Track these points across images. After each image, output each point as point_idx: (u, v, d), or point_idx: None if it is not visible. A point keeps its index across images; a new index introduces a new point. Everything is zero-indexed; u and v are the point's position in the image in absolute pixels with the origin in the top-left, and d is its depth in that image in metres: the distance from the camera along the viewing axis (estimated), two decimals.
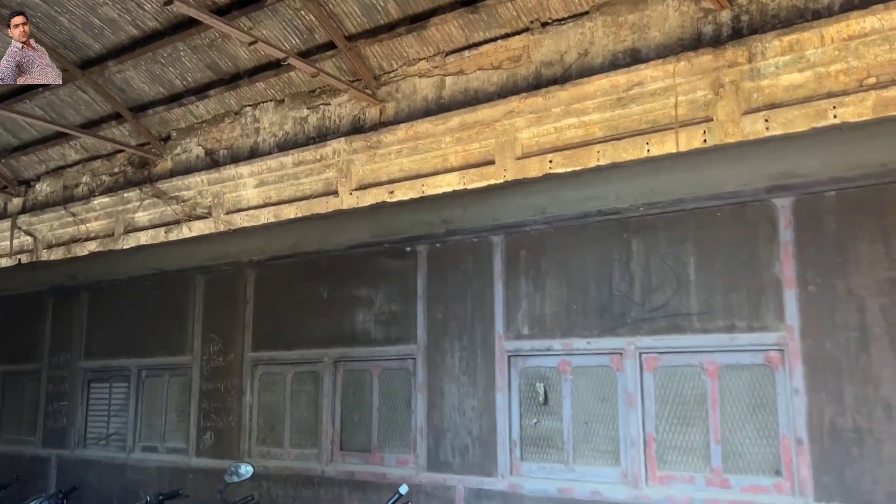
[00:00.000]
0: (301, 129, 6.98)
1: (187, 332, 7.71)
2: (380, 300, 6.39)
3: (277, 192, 7.02)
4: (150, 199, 8.06)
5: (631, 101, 5.11)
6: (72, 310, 8.94)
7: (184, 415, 7.65)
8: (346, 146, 6.50)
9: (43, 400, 9.01)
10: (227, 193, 7.40)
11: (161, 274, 8.03)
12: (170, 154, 8.06)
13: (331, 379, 6.59)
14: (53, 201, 9.18)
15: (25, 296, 9.51)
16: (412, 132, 6.12)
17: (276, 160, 6.97)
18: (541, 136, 5.53)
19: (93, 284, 8.73)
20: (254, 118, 7.39)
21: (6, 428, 9.50)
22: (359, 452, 6.36)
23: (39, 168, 9.44)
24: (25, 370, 9.36)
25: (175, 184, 7.82)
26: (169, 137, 8.10)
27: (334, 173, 6.58)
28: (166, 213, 7.95)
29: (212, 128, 7.72)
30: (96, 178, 8.78)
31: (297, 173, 6.84)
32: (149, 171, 8.23)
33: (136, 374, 8.13)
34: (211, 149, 7.71)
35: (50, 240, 9.20)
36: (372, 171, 6.41)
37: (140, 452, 7.95)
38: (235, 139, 7.48)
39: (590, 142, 5.28)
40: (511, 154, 5.68)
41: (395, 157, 6.26)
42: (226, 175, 7.38)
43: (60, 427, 8.74)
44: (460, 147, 5.90)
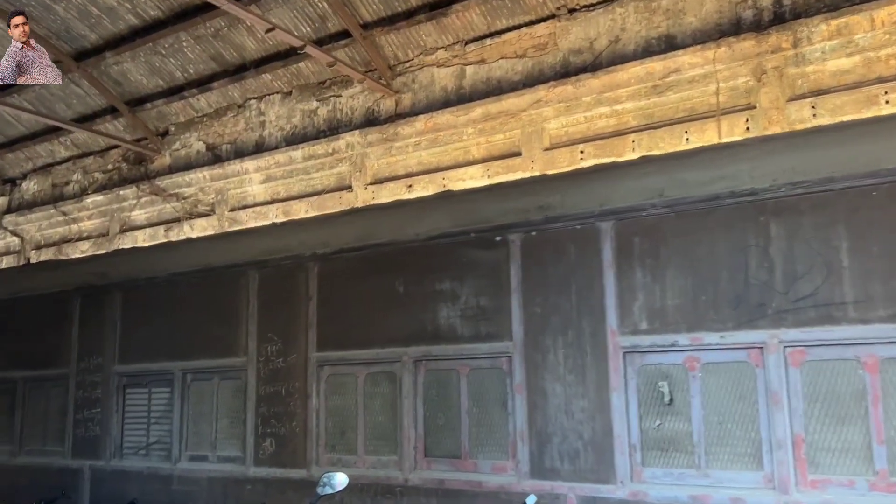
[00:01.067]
0: (310, 122, 6.65)
1: (240, 331, 7.16)
2: (466, 294, 5.92)
3: (286, 187, 6.64)
4: (148, 197, 7.63)
5: (667, 89, 4.85)
6: (103, 310, 8.33)
7: (238, 421, 7.10)
8: (360, 139, 6.14)
9: (72, 407, 8.39)
10: (231, 189, 6.96)
11: (208, 270, 7.46)
12: (168, 149, 7.63)
13: (411, 379, 6.10)
14: (42, 200, 8.66)
15: (46, 297, 8.88)
16: (431, 124, 5.78)
17: (284, 154, 6.54)
18: (570, 126, 5.26)
19: (127, 283, 8.13)
20: (259, 111, 7.01)
21: (29, 438, 8.85)
22: (447, 459, 5.88)
23: (26, 166, 8.91)
24: (50, 376, 8.72)
25: (175, 180, 7.35)
26: (167, 132, 7.66)
27: (347, 167, 6.24)
28: (165, 211, 7.48)
29: (213, 122, 7.34)
30: (88, 176, 8.35)
31: (308, 168, 6.46)
32: (145, 167, 7.79)
33: (181, 378, 7.56)
34: (213, 143, 7.33)
35: (38, 240, 8.67)
36: (388, 165, 6.08)
37: (188, 462, 7.38)
38: (239, 133, 7.11)
39: (623, 131, 5.02)
40: (538, 145, 5.42)
41: (413, 149, 5.92)
42: (230, 170, 6.93)
43: (93, 436, 8.13)
44: (483, 139, 5.62)
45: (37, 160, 8.78)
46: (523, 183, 5.53)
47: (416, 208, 6.08)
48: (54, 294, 8.79)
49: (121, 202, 7.84)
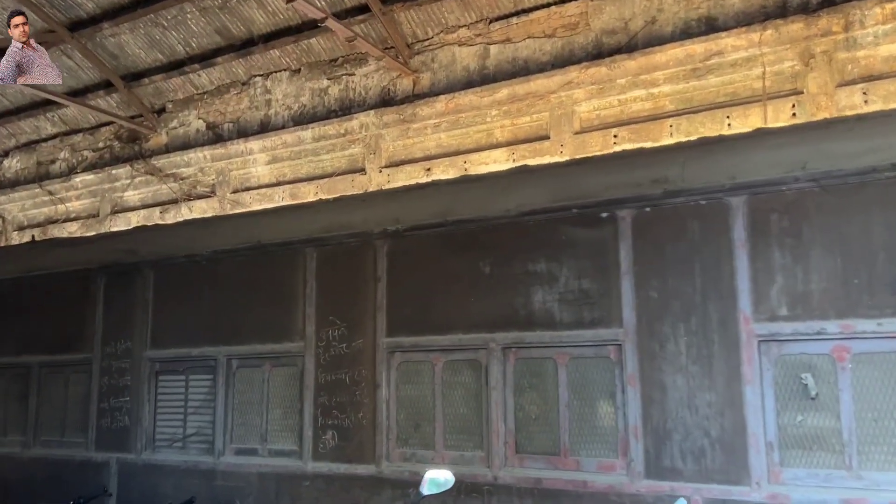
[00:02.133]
0: (321, 101, 6.37)
1: (296, 314, 6.55)
2: (565, 276, 5.39)
3: (293, 169, 6.36)
4: (143, 177, 7.28)
5: (708, 73, 4.72)
6: (132, 291, 7.64)
7: (293, 411, 6.51)
8: (375, 120, 5.88)
9: (96, 395, 7.69)
10: (233, 170, 6.65)
11: (258, 247, 6.83)
12: (165, 128, 7.26)
13: (499, 368, 5.57)
14: (25, 179, 8.24)
15: (65, 275, 8.15)
16: (453, 104, 5.56)
17: (292, 135, 6.26)
18: (602, 109, 5.10)
19: (161, 261, 7.45)
20: (265, 89, 6.70)
21: (45, 428, 8.14)
22: (543, 456, 5.36)
23: (8, 142, 8.44)
24: (69, 361, 8.01)
25: (172, 160, 7.01)
26: (164, 110, 7.29)
27: (361, 149, 6.01)
28: (161, 192, 7.14)
29: (215, 99, 6.99)
30: (77, 154, 7.95)
31: (317, 149, 6.21)
32: (140, 146, 7.40)
33: (225, 364, 6.93)
34: (213, 122, 7.00)
35: (21, 221, 8.24)
36: (404, 147, 5.84)
37: (233, 456, 6.76)
38: (243, 112, 6.79)
39: (659, 115, 4.87)
40: (568, 128, 5.23)
41: (432, 131, 5.70)
42: (233, 150, 6.62)
43: (121, 427, 7.46)
44: (508, 121, 5.42)
45: (20, 136, 8.30)
46: (635, 154, 5.03)
47: (506, 182, 5.55)
48: (74, 273, 8.07)
49: (113, 182, 7.45)
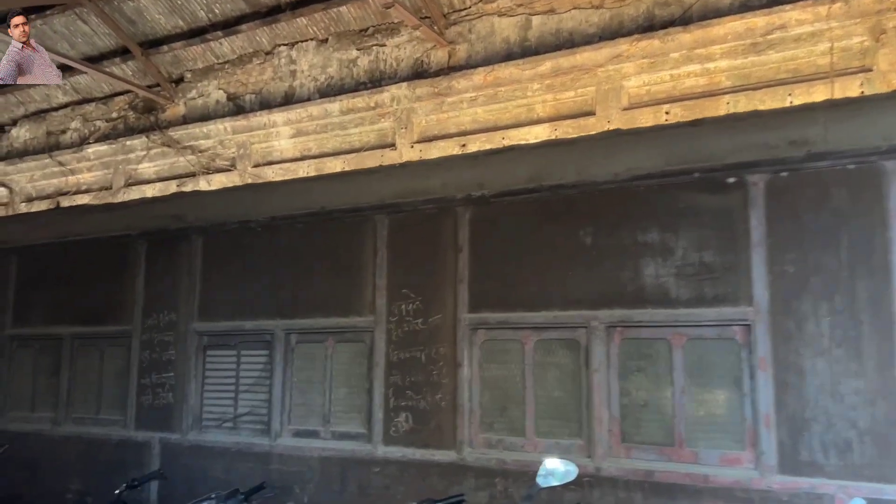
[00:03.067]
0: (349, 73, 6.14)
1: (364, 286, 6.02)
2: (682, 248, 4.86)
3: (318, 143, 6.11)
4: (159, 149, 7.03)
5: (769, 48, 4.53)
6: (177, 259, 7.09)
7: (360, 390, 5.98)
8: (407, 93, 5.65)
9: (136, 370, 7.15)
10: (255, 144, 6.41)
11: (321, 214, 6.28)
12: (183, 98, 6.99)
13: (602, 349, 5.04)
14: (34, 149, 7.99)
15: (103, 242, 7.60)
16: (492, 77, 5.31)
17: (318, 107, 6.01)
18: (653, 85, 4.89)
19: (212, 227, 6.89)
20: (290, 59, 6.44)
21: (78, 405, 7.60)
22: (653, 446, 4.85)
23: (17, 111, 8.16)
24: (106, 333, 7.47)
25: (190, 131, 6.75)
26: (182, 79, 7.03)
27: (391, 123, 5.77)
28: (178, 165, 6.89)
29: (236, 69, 6.73)
30: (89, 124, 7.69)
31: (345, 122, 5.94)
32: (156, 116, 7.15)
33: (283, 338, 6.39)
34: (234, 93, 6.75)
35: (30, 192, 8.01)
36: (438, 122, 5.60)
37: (291, 438, 6.24)
38: (266, 83, 6.54)
39: (715, 92, 4.67)
40: (616, 104, 5.01)
41: (467, 105, 5.47)
42: (255, 123, 6.36)
43: (164, 404, 6.93)
44: (550, 96, 5.19)
45: (29, 105, 8.02)
46: (768, 115, 4.50)
47: (613, 143, 5.02)
48: (113, 239, 7.51)
49: (127, 153, 7.19)
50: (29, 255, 8.18)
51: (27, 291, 8.14)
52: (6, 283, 8.28)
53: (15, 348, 8.17)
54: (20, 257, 8.25)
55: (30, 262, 8.17)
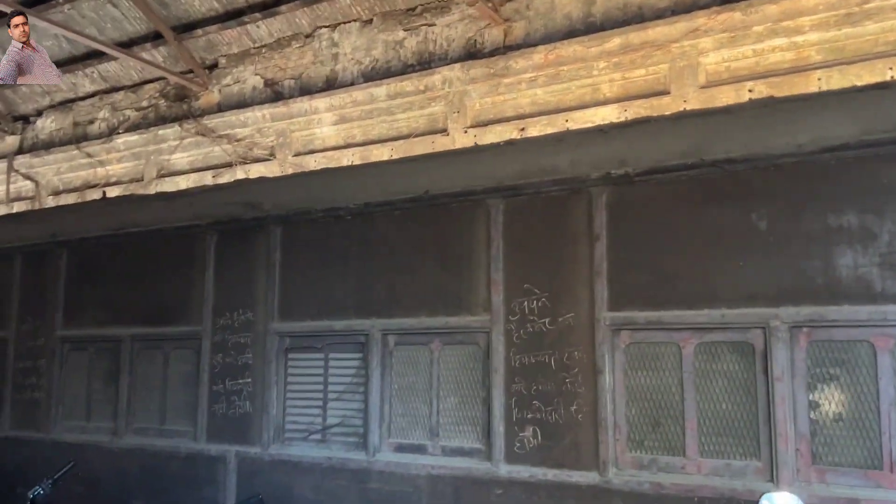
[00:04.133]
0: (395, 55, 5.73)
1: (477, 281, 5.27)
2: (889, 232, 4.07)
3: (363, 130, 5.66)
4: (193, 138, 6.54)
5: (865, 18, 3.95)
6: (253, 251, 6.37)
7: (475, 400, 5.24)
8: (460, 74, 5.21)
9: (206, 376, 6.44)
10: (295, 132, 5.94)
11: (423, 200, 5.54)
12: (217, 85, 6.55)
13: (785, 353, 4.26)
14: (61, 140, 7.54)
15: (165, 233, 6.90)
16: (554, 56, 4.85)
17: (363, 92, 5.57)
18: (734, 61, 4.39)
19: (293, 216, 6.17)
20: (331, 42, 6.00)
21: (140, 414, 6.90)
22: (855, 469, 4.07)
23: (42, 101, 7.72)
24: (171, 335, 6.76)
25: (226, 119, 6.29)
26: (216, 65, 6.58)
27: (442, 107, 5.32)
28: (213, 155, 6.36)
29: (274, 54, 6.33)
30: (118, 114, 7.23)
31: (392, 107, 5.50)
32: (188, 104, 6.70)
33: (380, 340, 5.65)
34: (272, 79, 6.32)
35: (56, 185, 7.51)
36: (493, 105, 5.16)
37: (393, 453, 5.50)
38: (306, 67, 6.13)
39: (804, 67, 4.11)
40: (692, 81, 4.52)
41: (526, 87, 5.01)
42: (295, 109, 5.92)
43: (240, 414, 6.21)
44: (618, 74, 4.74)
45: (55, 94, 7.61)
46: None
47: (794, 109, 4.22)
48: (178, 230, 6.81)
49: (159, 143, 6.68)
50: (80, 248, 7.48)
51: (79, 288, 7.44)
52: (55, 280, 7.58)
53: (67, 351, 7.48)
54: (71, 251, 7.56)
55: (82, 256, 7.48)
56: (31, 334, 7.68)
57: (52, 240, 7.64)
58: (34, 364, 7.61)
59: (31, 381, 7.61)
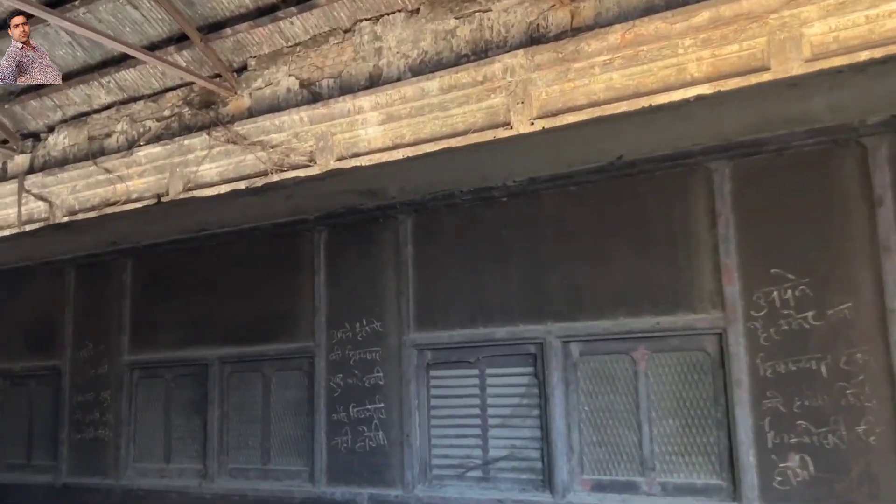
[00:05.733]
0: (446, 45, 5.41)
1: (699, 268, 4.14)
2: None
3: (413, 128, 5.42)
4: (223, 147, 6.26)
5: None
6: (376, 248, 5.23)
7: (706, 420, 4.09)
8: (523, 61, 4.98)
9: (323, 402, 5.25)
10: (337, 134, 5.73)
11: (613, 168, 4.39)
12: (247, 88, 6.28)
13: None
14: (75, 156, 7.31)
15: (259, 232, 5.75)
16: (632, 36, 4.62)
17: (413, 87, 5.35)
18: (843, 30, 4.18)
19: (428, 201, 5.01)
20: (374, 36, 5.72)
21: (236, 452, 5.70)
22: None
23: (53, 116, 7.46)
24: (272, 354, 5.58)
25: (259, 125, 6.07)
26: (245, 68, 6.32)
27: (503, 98, 5.09)
28: (245, 164, 6.15)
29: (309, 52, 6.01)
30: (137, 125, 6.94)
31: (445, 102, 5.26)
32: (216, 111, 6.40)
33: (560, 350, 4.48)
34: (308, 79, 6.00)
35: (72, 205, 7.25)
36: (562, 93, 4.90)
37: (589, 493, 4.32)
38: (346, 65, 5.84)
39: None
40: (796, 55, 4.24)
41: (600, 71, 4.80)
42: (336, 110, 5.68)
43: (372, 448, 5.03)
44: (707, 52, 4.47)
45: (68, 108, 7.31)
46: None
47: None
48: (276, 228, 5.65)
49: (185, 154, 6.43)
50: (150, 256, 6.32)
51: (150, 304, 6.26)
52: (120, 296, 6.41)
53: (137, 380, 6.29)
54: (138, 260, 6.39)
55: (152, 266, 6.31)
56: (92, 361, 6.49)
57: (112, 248, 6.48)
58: (96, 397, 6.42)
59: (94, 416, 6.40)
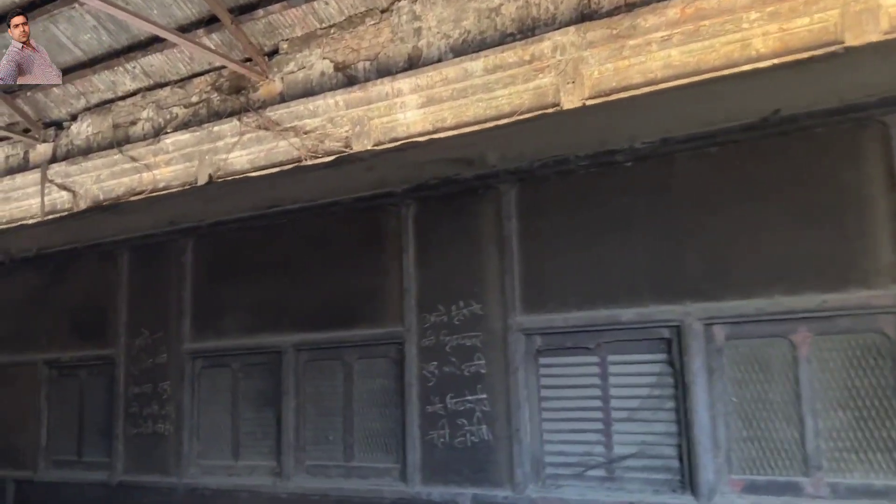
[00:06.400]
0: (491, 24, 5.13)
1: (872, 237, 3.63)
2: None
3: (455, 111, 5.11)
4: (254, 133, 5.93)
5: None
6: (472, 222, 4.75)
7: (887, 414, 3.52)
8: (575, 39, 4.69)
9: (415, 393, 4.74)
10: (374, 119, 5.44)
11: (765, 125, 3.86)
12: (279, 73, 6.02)
13: None
14: (99, 145, 7.07)
15: (337, 207, 5.29)
16: (693, 10, 4.29)
17: (456, 68, 5.07)
18: None
19: (532, 170, 4.50)
20: (412, 15, 5.47)
21: (314, 447, 5.20)
22: None
23: (76, 103, 7.24)
24: (355, 339, 5.09)
25: (293, 110, 5.78)
26: (276, 51, 6.08)
27: (552, 78, 4.78)
28: (277, 151, 5.84)
29: (344, 34, 5.75)
30: (164, 112, 6.66)
31: (490, 83, 4.97)
32: (246, 96, 6.15)
33: (701, 333, 3.96)
34: (343, 62, 5.74)
35: (96, 194, 6.90)
36: (616, 72, 4.60)
37: (740, 495, 3.79)
38: (383, 46, 5.59)
39: None
40: (873, 28, 3.77)
41: (658, 47, 4.45)
42: (374, 94, 5.41)
43: (474, 443, 4.52)
44: (774, 25, 4.06)
45: (91, 95, 7.10)
46: None
47: None
48: (359, 202, 5.17)
49: (214, 141, 6.13)
50: (213, 236, 5.85)
51: (214, 288, 5.79)
52: (180, 279, 5.94)
53: (200, 369, 5.81)
54: (200, 241, 5.92)
55: (215, 247, 5.84)
56: (149, 350, 6.02)
57: (171, 228, 6.00)
58: (154, 388, 5.95)
59: (152, 409, 5.94)
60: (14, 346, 6.91)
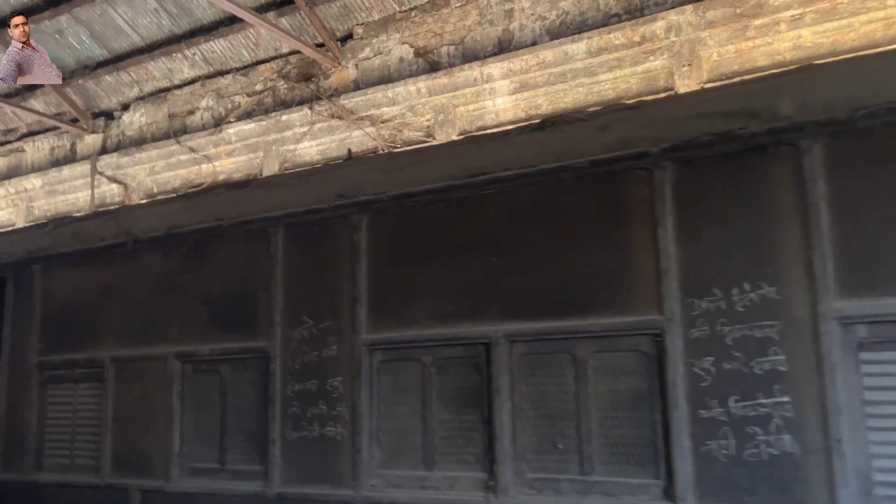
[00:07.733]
0: (593, 4, 4.81)
1: None
2: None
3: (551, 98, 4.86)
4: (325, 123, 5.74)
5: None
6: (756, 187, 3.96)
7: None
8: (692, 18, 4.38)
9: (681, 394, 3.92)
10: (459, 106, 5.23)
11: None
12: (353, 59, 5.85)
13: None
14: (153, 135, 6.94)
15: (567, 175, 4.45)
16: None
17: (555, 51, 4.79)
18: None
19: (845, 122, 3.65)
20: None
21: (535, 457, 4.38)
22: None
23: (129, 92, 7.10)
24: (588, 330, 4.27)
25: (369, 98, 5.57)
26: (349, 36, 5.89)
27: (664, 61, 4.52)
28: (350, 141, 5.67)
29: (426, 17, 5.53)
30: (225, 101, 6.48)
31: (593, 67, 4.70)
32: (316, 84, 5.96)
33: None
34: (424, 47, 5.51)
35: (150, 187, 6.80)
36: (738, 54, 4.33)
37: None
38: (469, 30, 5.33)
39: None
40: None
41: (787, 27, 4.16)
42: (460, 80, 5.19)
43: (770, 457, 3.70)
44: None
45: (145, 84, 6.98)
46: None
47: None
48: (595, 166, 4.36)
49: (281, 131, 6.01)
50: (393, 210, 5.06)
51: (395, 269, 5.01)
52: (352, 260, 5.17)
53: (379, 364, 5.02)
54: (375, 216, 5.15)
55: (397, 222, 5.05)
56: (313, 342, 5.25)
57: (338, 202, 5.22)
58: (322, 385, 5.17)
59: (319, 410, 5.16)
60: (139, 337, 6.16)
